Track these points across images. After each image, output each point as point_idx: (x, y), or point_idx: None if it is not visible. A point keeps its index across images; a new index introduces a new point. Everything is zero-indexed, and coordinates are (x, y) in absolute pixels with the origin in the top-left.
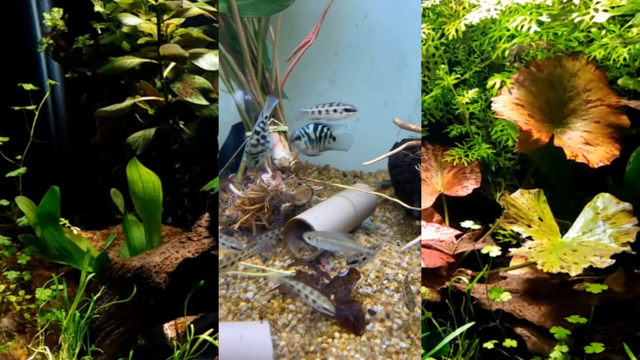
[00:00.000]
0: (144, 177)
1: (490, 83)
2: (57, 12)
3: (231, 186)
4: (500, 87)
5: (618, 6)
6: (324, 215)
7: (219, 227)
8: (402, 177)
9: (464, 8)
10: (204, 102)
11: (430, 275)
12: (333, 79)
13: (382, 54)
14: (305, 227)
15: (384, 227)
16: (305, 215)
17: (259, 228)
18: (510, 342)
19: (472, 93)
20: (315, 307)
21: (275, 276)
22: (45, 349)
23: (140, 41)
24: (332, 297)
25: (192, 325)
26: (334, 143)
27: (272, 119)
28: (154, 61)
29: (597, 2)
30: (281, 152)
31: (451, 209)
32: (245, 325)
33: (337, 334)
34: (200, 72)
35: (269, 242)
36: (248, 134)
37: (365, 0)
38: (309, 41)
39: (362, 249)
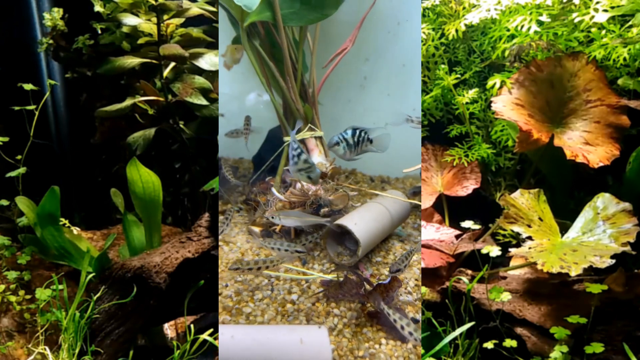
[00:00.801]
0: (144, 177)
1: (490, 83)
2: (57, 12)
3: (273, 189)
4: (500, 87)
5: (618, 6)
6: (363, 222)
7: (259, 229)
8: None
9: (464, 8)
10: (204, 102)
11: (430, 275)
12: (363, 84)
13: (412, 60)
14: (344, 233)
15: (415, 234)
16: (345, 221)
17: (297, 232)
18: (510, 342)
19: (472, 93)
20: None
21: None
22: (45, 349)
23: (140, 41)
24: (374, 304)
25: (192, 325)
26: (371, 145)
27: (309, 124)
28: (154, 61)
29: (597, 2)
30: (318, 157)
31: (451, 209)
32: (303, 329)
33: (383, 340)
34: (200, 72)
35: (292, 255)
36: (286, 139)
37: (399, 8)
38: (346, 48)
39: (322, 220)
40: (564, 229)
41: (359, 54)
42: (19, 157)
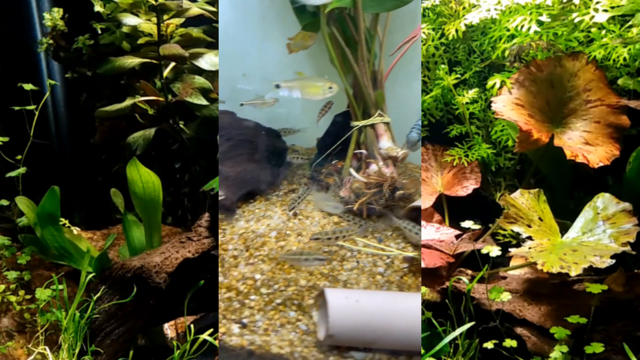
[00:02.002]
0: (144, 177)
1: (490, 83)
2: (57, 12)
3: (352, 170)
4: (500, 87)
5: (618, 6)
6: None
7: (335, 207)
8: None
9: (464, 8)
10: (204, 102)
11: (430, 275)
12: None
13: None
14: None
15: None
16: (418, 202)
17: (369, 213)
18: (510, 342)
19: (472, 93)
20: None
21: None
22: (45, 349)
23: (140, 41)
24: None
25: (192, 325)
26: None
27: (378, 111)
28: (154, 61)
29: (597, 2)
30: (387, 142)
31: (451, 209)
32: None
33: None
34: (200, 72)
35: (371, 226)
36: (355, 123)
37: None
38: (415, 36)
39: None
40: (564, 229)
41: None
42: (19, 157)
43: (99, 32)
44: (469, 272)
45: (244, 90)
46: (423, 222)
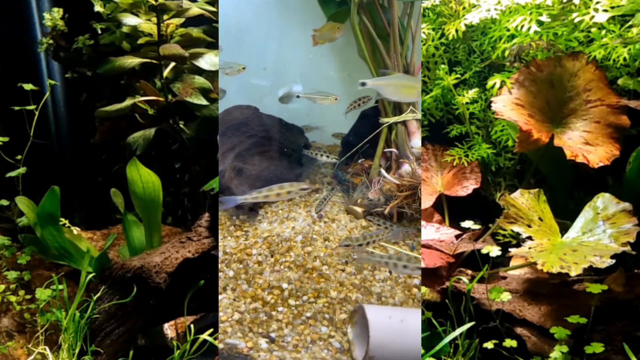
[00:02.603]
0: (144, 177)
1: (490, 83)
2: (57, 12)
3: (382, 171)
4: (500, 87)
5: (618, 6)
6: None
7: (361, 210)
8: None
9: (464, 8)
10: (204, 102)
11: (430, 275)
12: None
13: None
14: None
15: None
16: None
17: (399, 216)
18: (510, 342)
19: (472, 93)
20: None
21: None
22: (45, 349)
23: (140, 41)
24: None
25: (192, 325)
26: None
27: (410, 107)
28: (154, 61)
29: (597, 2)
30: (419, 141)
31: (451, 209)
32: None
33: None
34: (200, 72)
35: (403, 231)
36: (385, 120)
37: None
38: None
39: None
40: (564, 229)
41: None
42: (19, 157)
43: (99, 32)
44: (469, 272)
45: (260, 85)
46: (423, 222)
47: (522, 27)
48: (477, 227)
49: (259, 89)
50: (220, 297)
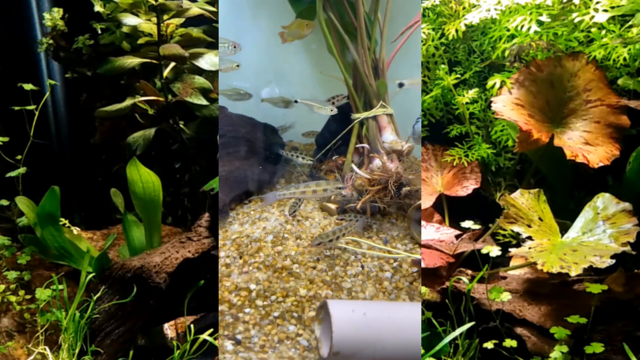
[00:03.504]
0: (144, 177)
1: (490, 83)
2: (57, 12)
3: (354, 166)
4: (500, 87)
5: (618, 6)
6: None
7: (335, 206)
8: None
9: (464, 8)
10: (204, 102)
11: (430, 275)
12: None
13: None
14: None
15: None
16: None
17: (372, 211)
18: (510, 342)
19: (472, 93)
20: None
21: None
22: (45, 349)
23: (140, 41)
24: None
25: (192, 325)
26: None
27: (380, 102)
28: (154, 61)
29: (597, 2)
30: (391, 135)
31: (451, 209)
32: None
33: None
34: (200, 72)
35: (368, 222)
36: (356, 115)
37: None
38: (418, 21)
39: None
40: (564, 229)
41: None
42: (19, 157)
43: (99, 32)
44: (469, 272)
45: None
46: (423, 222)
47: (522, 27)
48: (477, 227)
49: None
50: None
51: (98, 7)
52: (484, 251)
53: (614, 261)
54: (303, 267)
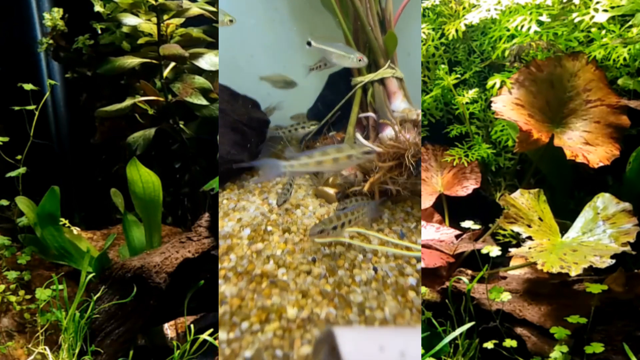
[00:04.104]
0: (144, 177)
1: (490, 83)
2: (57, 12)
3: (359, 136)
4: (500, 87)
5: (618, 6)
6: None
7: (334, 191)
8: None
9: (464, 8)
10: (204, 102)
11: (430, 275)
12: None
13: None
14: None
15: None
16: None
17: (382, 194)
18: (510, 342)
19: (472, 93)
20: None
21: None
22: (45, 349)
23: (140, 41)
24: None
25: (192, 325)
26: None
27: (389, 62)
28: (154, 61)
29: (597, 2)
30: (401, 103)
31: (451, 209)
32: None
33: None
34: (200, 72)
35: (378, 206)
36: (358, 79)
37: None
38: None
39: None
40: (564, 229)
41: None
42: (19, 157)
43: (99, 32)
44: (469, 272)
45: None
46: (423, 222)
47: (522, 27)
48: (477, 227)
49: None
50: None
51: (98, 7)
52: (484, 251)
53: (614, 261)
54: (293, 273)
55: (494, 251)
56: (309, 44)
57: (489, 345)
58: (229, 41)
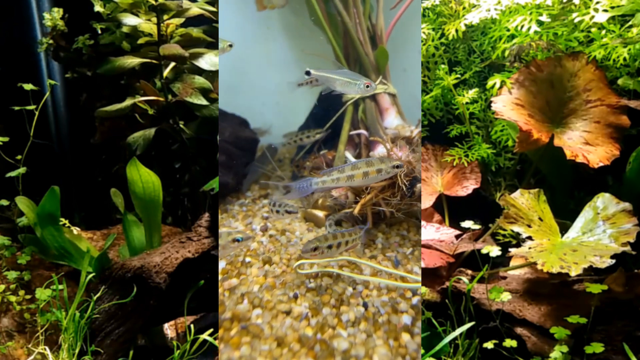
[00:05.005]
0: (144, 177)
1: (490, 83)
2: (57, 12)
3: (348, 155)
4: (500, 87)
5: (618, 6)
6: None
7: (323, 214)
8: None
9: (464, 8)
10: (204, 102)
11: (430, 275)
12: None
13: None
14: None
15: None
16: None
17: (376, 218)
18: (510, 342)
19: (472, 93)
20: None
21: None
22: (45, 349)
23: (140, 41)
24: None
25: (192, 325)
26: None
27: (380, 77)
28: (154, 61)
29: (597, 2)
30: (395, 119)
31: (451, 209)
32: None
33: None
34: (200, 72)
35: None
36: (349, 95)
37: None
38: None
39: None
40: (564, 229)
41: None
42: (19, 157)
43: (99, 32)
44: (469, 272)
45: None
46: (423, 222)
47: (522, 27)
48: (477, 227)
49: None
50: None
51: (98, 7)
52: (484, 251)
53: (614, 261)
54: (269, 315)
55: (494, 251)
56: (307, 73)
57: (489, 345)
58: (227, 61)
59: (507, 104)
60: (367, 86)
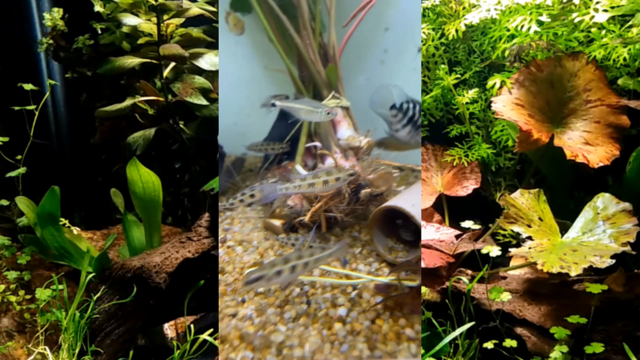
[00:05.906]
0: (144, 177)
1: (490, 83)
2: (57, 12)
3: (298, 167)
4: (500, 87)
5: (618, 6)
6: (420, 204)
7: (280, 222)
8: None
9: (464, 8)
10: (204, 102)
11: (430, 275)
12: (383, 59)
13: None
14: (397, 217)
15: None
16: (398, 202)
17: (330, 223)
18: (510, 342)
19: (472, 93)
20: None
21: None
22: (45, 349)
23: (140, 41)
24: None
25: (192, 325)
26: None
27: (332, 92)
28: (154, 61)
29: (597, 2)
30: (347, 130)
31: (451, 209)
32: None
33: None
34: (200, 72)
35: (347, 244)
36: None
37: None
38: (371, 1)
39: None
40: (564, 229)
41: (379, 23)
42: (19, 157)
43: (99, 32)
44: (469, 272)
45: None
46: (423, 222)
47: (522, 27)
48: (477, 227)
49: None
50: None
51: (98, 7)
52: (484, 251)
53: (614, 261)
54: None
55: (494, 251)
56: (273, 105)
57: (489, 345)
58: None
59: (507, 104)
60: (328, 113)
